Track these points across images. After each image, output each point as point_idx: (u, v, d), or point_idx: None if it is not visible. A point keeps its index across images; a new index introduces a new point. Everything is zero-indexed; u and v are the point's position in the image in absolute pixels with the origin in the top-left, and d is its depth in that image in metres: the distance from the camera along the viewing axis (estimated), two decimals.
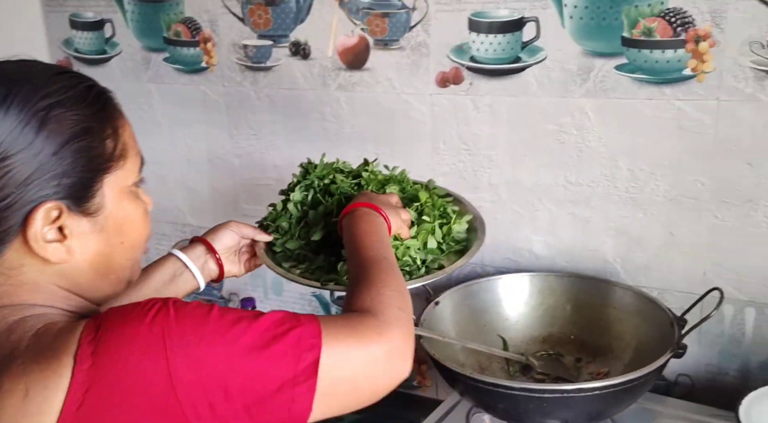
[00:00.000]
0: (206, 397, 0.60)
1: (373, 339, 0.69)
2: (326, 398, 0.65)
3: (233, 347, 0.61)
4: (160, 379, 0.58)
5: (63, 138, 0.64)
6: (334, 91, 1.50)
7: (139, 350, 0.59)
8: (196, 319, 0.62)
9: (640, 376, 0.99)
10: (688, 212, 1.22)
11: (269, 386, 0.62)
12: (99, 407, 0.57)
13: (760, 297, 1.19)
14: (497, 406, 1.05)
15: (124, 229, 0.70)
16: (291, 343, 0.64)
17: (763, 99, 1.11)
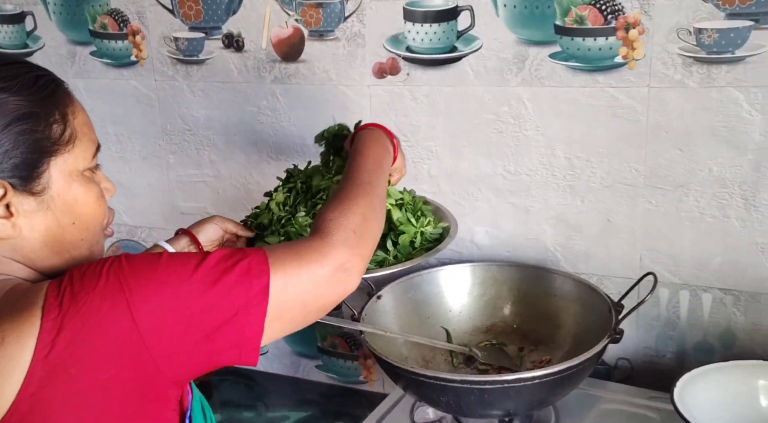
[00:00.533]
0: (167, 333, 0.66)
1: (316, 260, 0.75)
2: (277, 320, 0.71)
3: (187, 283, 0.67)
4: (122, 320, 0.64)
5: (5, 121, 0.67)
6: (270, 83, 1.47)
7: (99, 296, 0.64)
8: (148, 264, 0.67)
9: (578, 363, 1.00)
10: (624, 199, 1.23)
11: (224, 314, 0.68)
12: (67, 351, 0.62)
13: (693, 280, 1.21)
14: (439, 399, 1.04)
15: (74, 211, 0.73)
16: (240, 273, 0.69)
17: (691, 85, 1.13)
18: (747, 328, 1.19)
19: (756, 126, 1.11)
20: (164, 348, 0.66)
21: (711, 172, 1.16)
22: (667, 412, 1.06)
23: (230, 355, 0.70)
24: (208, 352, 0.69)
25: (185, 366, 0.69)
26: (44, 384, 0.62)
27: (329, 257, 0.76)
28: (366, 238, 0.82)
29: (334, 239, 0.78)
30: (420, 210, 1.13)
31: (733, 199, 1.15)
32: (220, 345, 0.69)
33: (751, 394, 1.05)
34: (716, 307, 1.20)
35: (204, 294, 0.67)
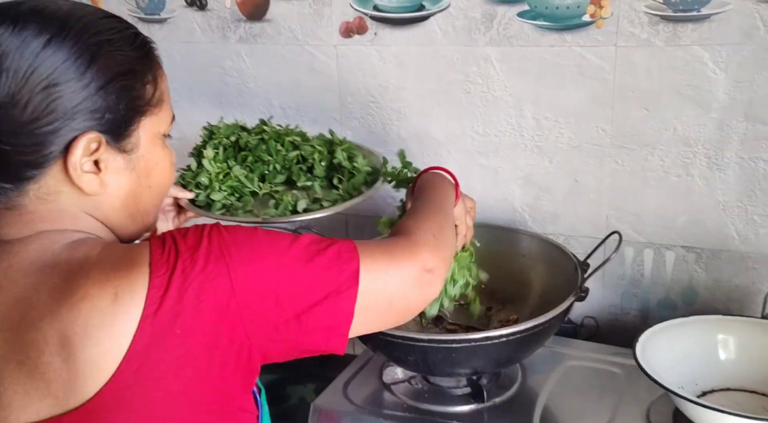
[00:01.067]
0: (260, 303, 0.65)
1: (404, 257, 0.75)
2: (364, 311, 0.71)
3: (283, 258, 0.67)
4: (222, 284, 0.64)
5: (110, 74, 0.67)
6: (235, 43, 1.43)
7: (203, 259, 0.64)
8: (245, 234, 0.68)
9: (544, 321, 1.01)
10: (591, 159, 1.24)
11: (316, 295, 0.68)
12: (174, 310, 0.62)
13: (657, 238, 1.23)
14: (407, 359, 1.05)
15: (152, 173, 0.74)
16: (332, 257, 0.70)
17: (658, 43, 1.13)
18: (708, 285, 1.21)
19: (720, 84, 1.11)
20: (256, 319, 0.65)
21: (676, 132, 1.16)
22: (630, 367, 1.08)
23: (318, 339, 0.70)
24: (298, 331, 0.68)
25: (273, 343, 0.68)
26: (153, 342, 0.61)
27: (417, 256, 0.76)
28: (445, 244, 0.82)
29: (419, 240, 0.78)
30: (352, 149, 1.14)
31: (697, 158, 1.17)
32: (309, 326, 0.68)
33: (710, 347, 1.07)
34: (679, 265, 1.23)
35: (298, 271, 0.68)
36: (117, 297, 0.61)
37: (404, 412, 1.08)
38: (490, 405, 1.08)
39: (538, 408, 1.08)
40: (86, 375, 0.60)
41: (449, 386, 1.12)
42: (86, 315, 0.60)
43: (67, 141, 0.66)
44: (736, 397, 1.03)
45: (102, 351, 0.60)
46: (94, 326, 0.60)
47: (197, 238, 0.66)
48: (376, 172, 1.11)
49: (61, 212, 0.69)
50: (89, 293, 0.61)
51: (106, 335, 0.60)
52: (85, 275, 0.62)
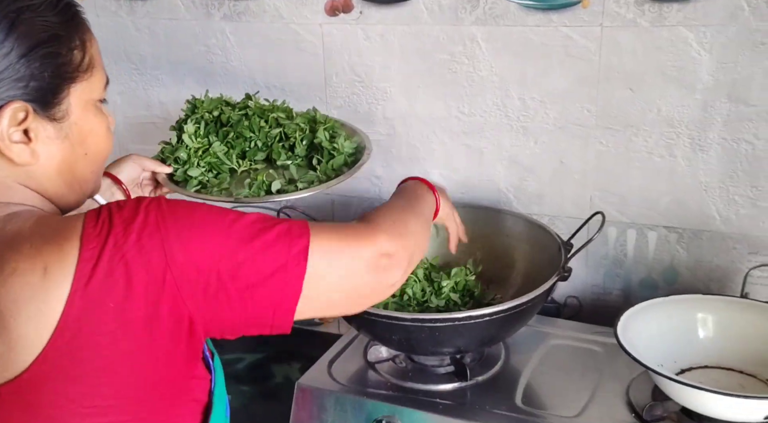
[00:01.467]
0: (199, 277, 0.64)
1: (358, 241, 0.74)
2: (313, 291, 0.69)
3: (224, 234, 0.66)
4: (156, 257, 0.63)
5: (32, 42, 0.66)
6: (219, 21, 1.42)
7: (137, 233, 0.63)
8: (186, 209, 0.67)
9: (527, 300, 1.02)
10: (576, 139, 1.24)
11: (262, 272, 0.66)
12: (105, 283, 0.61)
13: (640, 219, 1.24)
14: (392, 338, 1.06)
15: (87, 141, 0.72)
16: (281, 232, 0.68)
17: (643, 24, 1.13)
18: (689, 265, 1.23)
19: (704, 65, 1.12)
20: (196, 294, 0.64)
21: (660, 112, 1.17)
22: (611, 345, 1.09)
23: (263, 316, 0.68)
24: (241, 308, 0.67)
25: (215, 318, 0.67)
26: (84, 315, 0.61)
27: (373, 240, 0.74)
28: (408, 233, 0.80)
29: (378, 226, 0.77)
30: (335, 128, 1.13)
31: (680, 139, 1.17)
32: (253, 303, 0.67)
33: (689, 326, 1.09)
34: (661, 245, 1.24)
35: (242, 247, 0.66)
36: (47, 272, 0.61)
37: (388, 390, 1.09)
38: (473, 383, 1.09)
39: (521, 386, 1.09)
40: (20, 348, 0.61)
41: (433, 365, 1.13)
42: (17, 290, 0.60)
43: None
44: (713, 374, 1.05)
45: (34, 325, 0.60)
46: (24, 301, 0.60)
47: (133, 211, 0.65)
48: (357, 152, 1.11)
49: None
50: (19, 268, 0.61)
51: (38, 310, 0.60)
52: (17, 249, 0.62)
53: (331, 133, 1.11)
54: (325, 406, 1.09)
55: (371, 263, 0.74)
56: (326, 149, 1.08)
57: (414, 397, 1.06)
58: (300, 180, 1.05)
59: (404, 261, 0.78)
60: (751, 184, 1.15)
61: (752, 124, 1.12)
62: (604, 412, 1.01)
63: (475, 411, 1.03)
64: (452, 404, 1.05)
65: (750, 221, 1.17)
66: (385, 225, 0.78)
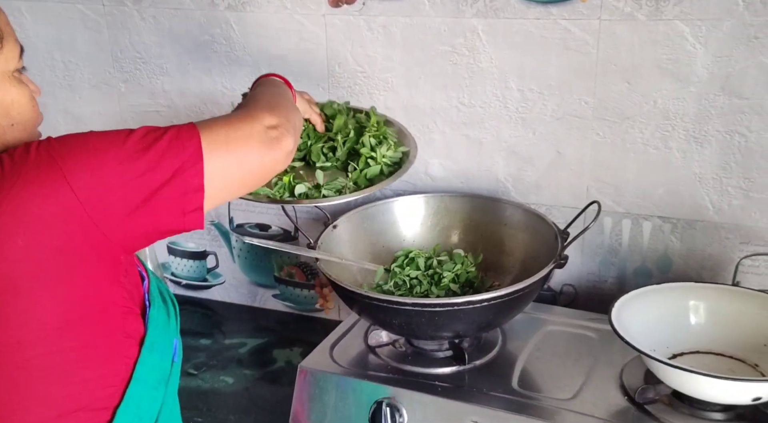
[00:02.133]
0: (105, 198, 0.67)
1: (244, 121, 0.78)
2: (217, 178, 0.73)
3: (120, 151, 0.69)
4: (60, 188, 0.65)
5: None
6: (224, 11, 1.44)
7: (35, 168, 0.66)
8: (78, 137, 0.69)
9: (524, 286, 1.05)
10: (574, 131, 1.27)
11: (161, 177, 0.70)
12: (10, 223, 0.64)
13: (635, 209, 1.27)
14: (392, 322, 1.09)
15: (11, 113, 0.74)
16: (170, 138, 0.71)
17: (640, 18, 1.15)
18: (682, 254, 1.26)
19: (699, 59, 1.14)
20: (104, 214, 0.68)
21: (656, 105, 1.19)
22: (605, 332, 1.12)
23: (173, 219, 0.72)
24: (150, 215, 0.70)
25: (130, 232, 0.70)
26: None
27: (255, 117, 0.79)
28: (283, 107, 0.86)
29: (255, 107, 0.82)
30: (383, 134, 1.13)
31: (676, 130, 1.20)
32: (161, 208, 0.70)
33: (682, 313, 1.12)
34: (655, 234, 1.27)
35: (137, 160, 0.69)
36: None
37: (388, 373, 1.12)
38: (471, 367, 1.12)
39: (517, 370, 1.12)
40: None
41: (432, 349, 1.16)
42: None
43: None
44: (704, 359, 1.08)
45: None
46: None
47: (24, 153, 0.67)
48: (399, 162, 1.11)
49: None
50: None
51: None
52: None
53: (379, 139, 1.11)
54: (327, 388, 1.12)
55: (262, 138, 0.78)
56: (364, 157, 1.09)
57: (413, 380, 1.09)
58: (325, 186, 1.05)
59: (290, 127, 0.83)
60: (744, 175, 1.18)
61: (745, 117, 1.15)
62: (597, 395, 1.04)
63: (473, 393, 1.06)
64: (450, 387, 1.08)
65: (742, 212, 1.20)
66: (261, 103, 0.84)
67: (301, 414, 1.13)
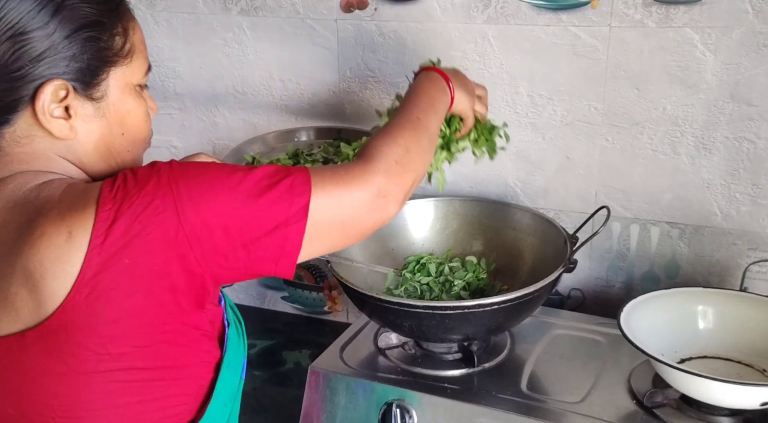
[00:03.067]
0: (209, 234, 0.69)
1: (356, 184, 0.78)
2: (315, 239, 0.75)
3: (233, 193, 0.71)
4: (169, 216, 0.68)
5: (75, 25, 0.71)
6: (236, 15, 1.45)
7: (150, 193, 0.68)
8: (198, 169, 0.71)
9: (534, 290, 1.06)
10: (583, 136, 1.28)
11: (265, 227, 0.71)
12: (120, 241, 0.66)
13: (643, 214, 1.28)
14: (402, 325, 1.10)
15: (125, 122, 0.77)
16: (283, 190, 0.72)
17: (650, 25, 1.16)
18: (690, 259, 1.27)
19: (708, 66, 1.15)
20: (205, 250, 0.69)
21: (665, 111, 1.20)
22: (614, 336, 1.13)
23: (267, 266, 0.74)
24: (246, 259, 0.72)
25: (224, 269, 0.72)
26: (100, 270, 0.66)
27: (369, 182, 0.78)
28: (408, 170, 0.83)
29: (375, 166, 0.80)
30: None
31: (684, 137, 1.21)
32: (258, 255, 0.72)
33: (690, 318, 1.13)
34: (663, 240, 1.27)
35: (247, 205, 0.71)
36: (71, 235, 0.66)
37: (398, 375, 1.13)
38: (480, 370, 1.13)
39: (526, 373, 1.13)
40: (46, 301, 0.66)
41: (441, 352, 1.17)
42: (44, 251, 0.66)
43: (35, 87, 0.71)
44: (712, 364, 1.09)
45: (59, 282, 0.66)
46: (51, 261, 0.66)
47: (147, 175, 0.69)
48: None
49: (36, 154, 0.74)
50: (46, 232, 0.67)
51: (63, 270, 0.66)
52: (45, 215, 0.68)
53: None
54: (337, 389, 1.13)
55: (369, 204, 0.79)
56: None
57: (423, 382, 1.10)
58: None
59: (401, 196, 0.82)
60: (752, 182, 1.19)
61: (754, 124, 1.16)
62: (606, 398, 1.05)
63: (482, 395, 1.07)
64: (460, 389, 1.08)
65: (750, 218, 1.21)
66: (385, 164, 0.80)
67: (312, 415, 1.14)
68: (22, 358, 0.68)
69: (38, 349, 0.68)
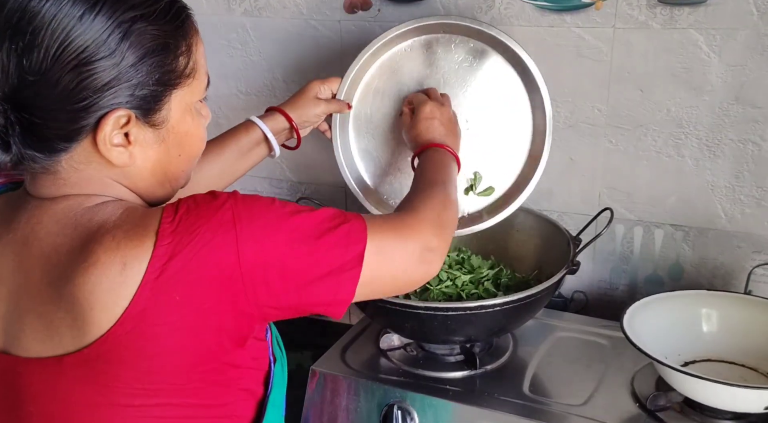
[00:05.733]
0: (265, 274, 0.68)
1: (409, 235, 0.79)
2: (368, 285, 0.75)
3: (293, 234, 0.70)
4: (228, 255, 0.66)
5: (143, 51, 0.67)
6: (240, 16, 1.45)
7: (212, 230, 0.66)
8: (262, 207, 0.69)
9: (536, 292, 1.05)
10: (586, 138, 1.27)
11: (320, 271, 0.71)
12: (175, 277, 0.64)
13: (647, 216, 1.27)
14: (404, 326, 1.09)
15: (183, 143, 0.75)
16: (341, 236, 0.72)
17: (655, 26, 1.16)
18: (694, 262, 1.26)
19: (713, 68, 1.15)
20: (259, 289, 0.68)
21: (669, 113, 1.20)
22: (617, 338, 1.13)
23: (319, 309, 0.74)
24: (298, 302, 0.71)
25: (275, 309, 0.71)
26: (150, 304, 0.64)
27: (421, 234, 0.80)
28: (446, 226, 0.86)
29: (424, 217, 0.82)
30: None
31: (689, 139, 1.20)
32: (311, 299, 0.72)
33: (694, 320, 1.12)
34: (667, 242, 1.27)
35: (305, 248, 0.70)
36: (125, 266, 0.64)
37: (400, 376, 1.13)
38: (482, 372, 1.13)
39: (528, 375, 1.12)
40: (91, 330, 0.64)
41: (443, 353, 1.17)
42: (95, 280, 0.64)
43: (98, 117, 0.67)
44: (716, 367, 1.08)
45: (107, 314, 0.64)
46: (102, 292, 0.64)
47: (211, 208, 0.67)
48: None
49: (91, 179, 0.71)
50: (100, 260, 0.64)
51: (113, 302, 0.64)
52: (99, 241, 0.65)
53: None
54: (339, 391, 1.12)
55: (419, 258, 0.80)
56: None
57: (425, 384, 1.10)
58: None
59: (445, 252, 0.84)
60: (757, 184, 1.18)
61: (759, 126, 1.15)
62: (609, 401, 1.05)
63: (484, 397, 1.06)
64: (462, 391, 1.08)
65: (755, 221, 1.20)
66: (431, 217, 0.83)
67: (313, 416, 1.14)
68: (59, 382, 0.66)
69: (75, 376, 0.66)
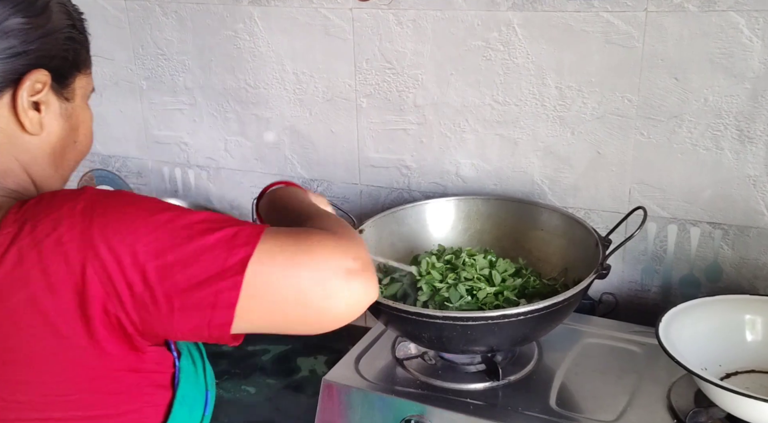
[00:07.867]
0: (123, 275, 0.59)
1: (321, 252, 0.61)
2: (250, 306, 0.60)
3: (158, 231, 0.60)
4: (75, 250, 0.59)
5: (62, 23, 0.71)
6: (247, 5, 1.38)
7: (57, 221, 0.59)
8: (120, 200, 0.62)
9: (563, 299, 0.98)
10: (615, 130, 1.19)
11: (193, 279, 0.59)
12: (13, 272, 0.59)
13: (682, 214, 1.19)
14: (422, 335, 1.03)
15: (80, 129, 0.75)
16: (224, 238, 0.60)
17: (691, 9, 1.07)
18: (734, 262, 1.17)
19: (755, 53, 1.06)
20: (120, 292, 0.59)
21: (706, 102, 1.11)
22: (650, 346, 1.05)
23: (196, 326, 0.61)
24: (169, 314, 0.61)
25: (146, 321, 0.61)
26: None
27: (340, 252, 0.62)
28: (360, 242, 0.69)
29: (341, 236, 0.66)
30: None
31: (728, 130, 1.11)
32: (185, 313, 0.60)
33: (736, 328, 1.04)
34: (704, 241, 1.18)
35: (173, 248, 0.59)
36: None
37: (417, 388, 1.06)
38: (505, 383, 1.06)
39: (555, 387, 1.05)
40: None
41: (463, 363, 1.10)
42: None
43: (18, 74, 0.67)
44: (761, 379, 1.00)
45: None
46: None
47: (65, 198, 0.61)
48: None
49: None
50: None
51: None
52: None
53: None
54: (352, 404, 1.06)
55: (333, 279, 0.61)
56: None
57: (444, 397, 1.03)
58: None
59: (372, 272, 0.66)
60: None
61: None
62: (643, 417, 0.97)
63: (508, 412, 0.99)
64: (483, 405, 1.01)
65: None
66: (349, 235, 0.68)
67: None
68: None
69: None
